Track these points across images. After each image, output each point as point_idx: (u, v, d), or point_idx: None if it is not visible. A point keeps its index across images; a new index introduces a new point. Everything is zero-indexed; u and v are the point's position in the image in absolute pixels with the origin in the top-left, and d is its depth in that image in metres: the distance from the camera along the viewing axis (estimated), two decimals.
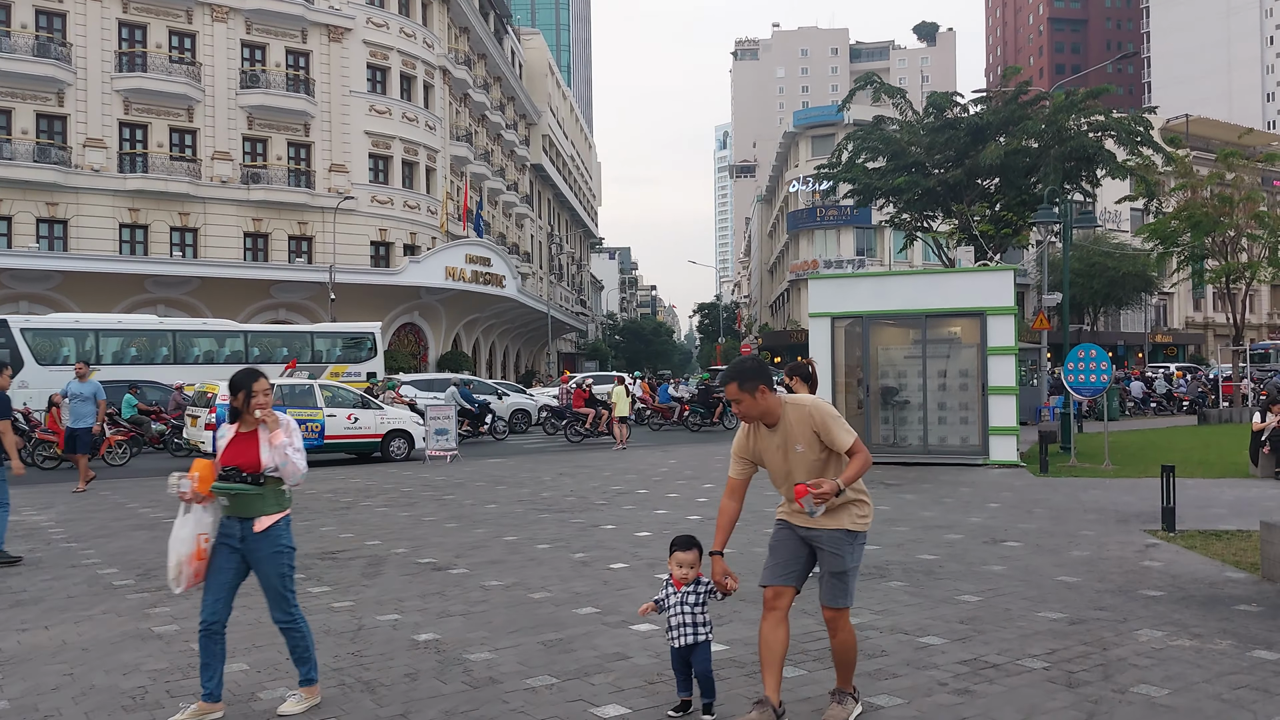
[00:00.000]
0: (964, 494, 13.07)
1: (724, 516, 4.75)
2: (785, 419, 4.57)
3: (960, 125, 27.10)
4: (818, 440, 4.51)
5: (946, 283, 17.15)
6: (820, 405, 4.58)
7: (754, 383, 4.53)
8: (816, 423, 4.50)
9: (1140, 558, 8.53)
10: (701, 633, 4.67)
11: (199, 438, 18.49)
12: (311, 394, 19.70)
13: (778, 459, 4.62)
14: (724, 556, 4.69)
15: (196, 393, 20.38)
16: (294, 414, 18.38)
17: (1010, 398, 16.55)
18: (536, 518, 11.29)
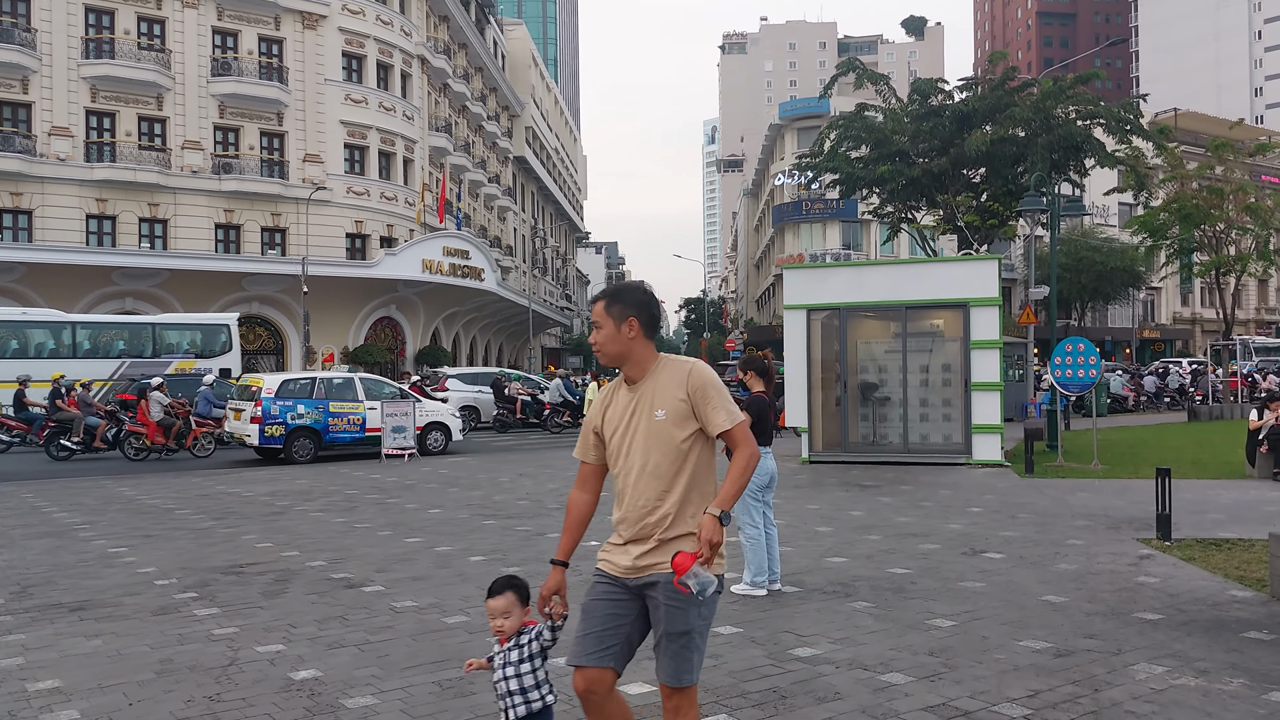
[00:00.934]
0: (944, 497, 12.23)
1: (572, 513, 3.66)
2: (654, 378, 3.40)
3: (945, 113, 26.26)
4: (688, 410, 3.33)
5: (928, 273, 16.30)
6: (705, 368, 3.41)
7: (627, 310, 3.39)
8: (694, 386, 3.34)
9: (1134, 572, 7.69)
10: (535, 699, 3.53)
11: (244, 431, 18.73)
12: (352, 387, 19.91)
13: (621, 426, 3.41)
14: (569, 568, 3.63)
15: (239, 386, 20.61)
16: (335, 406, 19.28)
17: (994, 394, 15.71)
18: (479, 525, 10.40)
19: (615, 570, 3.44)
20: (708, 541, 3.11)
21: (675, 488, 3.32)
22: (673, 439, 3.32)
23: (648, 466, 3.33)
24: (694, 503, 3.35)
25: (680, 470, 3.34)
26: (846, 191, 29.25)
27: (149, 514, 11.55)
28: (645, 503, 3.33)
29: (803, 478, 14.61)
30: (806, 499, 12.23)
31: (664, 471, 3.32)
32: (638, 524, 3.35)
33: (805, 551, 8.68)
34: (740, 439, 3.36)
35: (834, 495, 12.53)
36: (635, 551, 3.36)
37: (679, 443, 3.32)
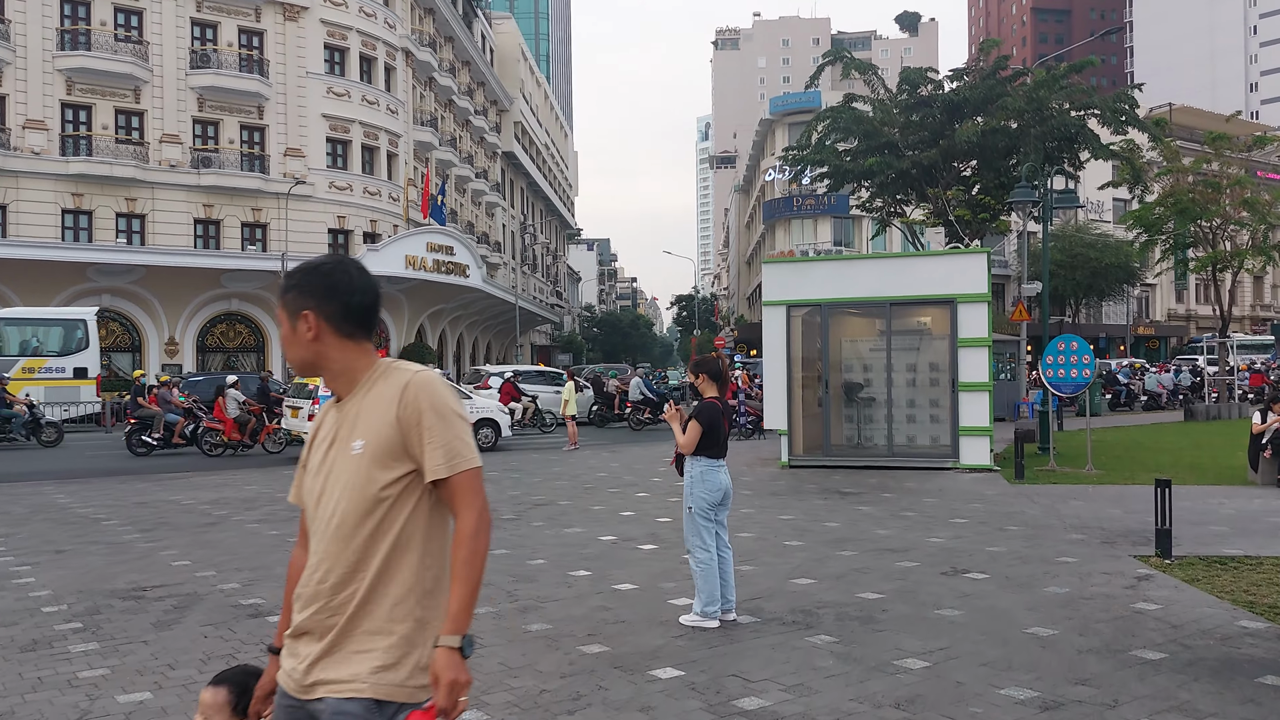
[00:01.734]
0: (928, 506, 11.45)
1: (290, 579, 2.54)
2: (364, 393, 2.38)
3: (935, 103, 25.46)
4: (398, 442, 2.31)
5: (914, 267, 15.50)
6: (431, 380, 2.37)
7: (302, 300, 2.39)
8: (407, 405, 2.31)
9: (1132, 596, 6.91)
10: None
11: (302, 428, 18.95)
12: None
13: (317, 461, 2.43)
14: None
15: (296, 384, 20.82)
16: None
17: (983, 394, 14.93)
18: None
19: (286, 682, 2.36)
20: (448, 686, 2.17)
21: (369, 560, 2.29)
22: (369, 484, 2.30)
23: (333, 521, 2.32)
24: (399, 588, 2.31)
25: (379, 533, 2.30)
26: (835, 185, 28.44)
27: (74, 525, 10.74)
28: (324, 576, 2.32)
29: (780, 484, 13.84)
30: (780, 508, 11.44)
31: (352, 532, 2.30)
32: (311, 606, 2.32)
33: (770, 571, 7.90)
34: (465, 496, 2.30)
35: (811, 504, 11.76)
36: (305, 652, 2.32)
37: (378, 490, 2.29)
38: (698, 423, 6.20)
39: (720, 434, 6.30)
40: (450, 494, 2.32)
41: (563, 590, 7.23)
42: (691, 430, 6.21)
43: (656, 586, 7.32)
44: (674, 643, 5.82)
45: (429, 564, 2.35)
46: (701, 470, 6.28)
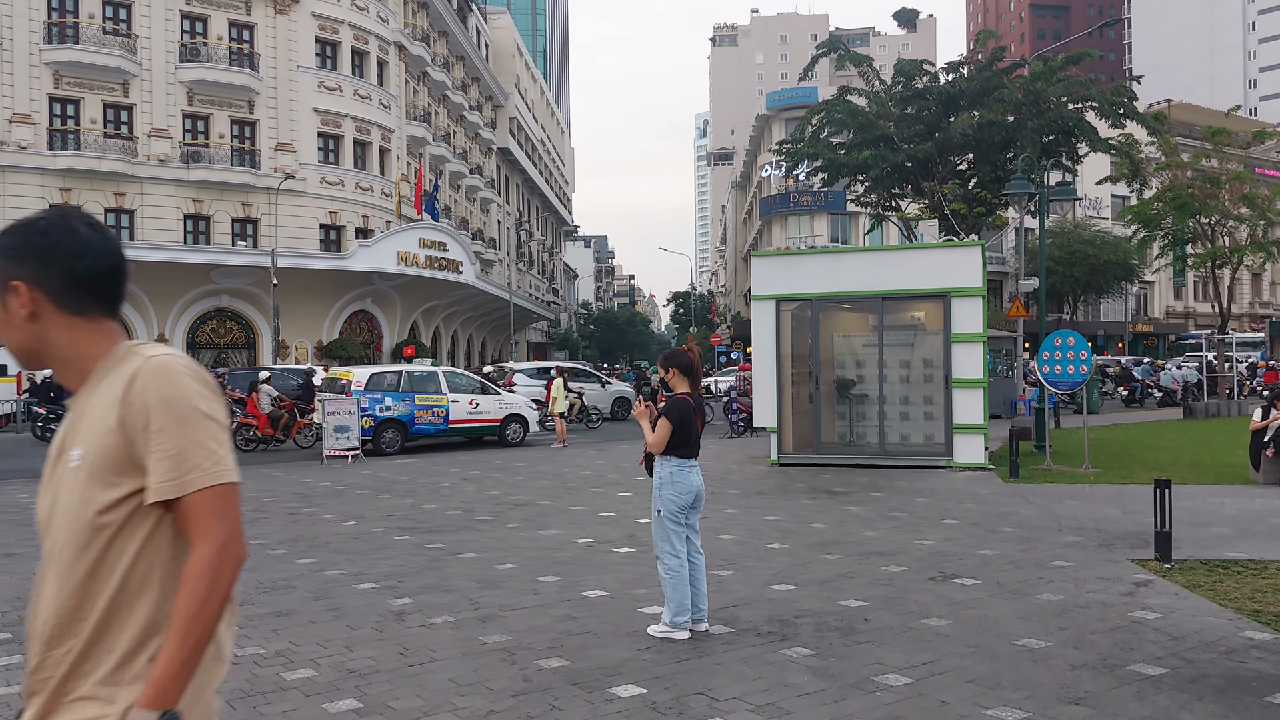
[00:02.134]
0: (919, 506, 11.05)
1: None
2: (94, 388, 1.89)
3: (931, 95, 25.03)
4: (120, 449, 1.80)
5: (907, 260, 15.09)
6: (170, 371, 1.82)
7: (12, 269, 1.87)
8: (133, 405, 1.79)
9: (1130, 604, 6.52)
10: None
11: None
12: (436, 380, 20.33)
13: (44, 477, 1.94)
14: None
15: (326, 379, 21.22)
16: (420, 399, 19.81)
17: (977, 391, 14.55)
18: (390, 541, 9.20)
19: None
20: None
21: (88, 607, 1.79)
22: (85, 506, 1.80)
23: (53, 554, 1.84)
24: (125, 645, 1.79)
25: (98, 571, 1.80)
26: (829, 179, 28.01)
27: (31, 525, 10.32)
28: (43, 625, 1.83)
29: (768, 482, 13.45)
30: (766, 508, 11.04)
31: (68, 569, 1.81)
32: (32, 662, 1.84)
33: (749, 576, 7.50)
34: (202, 521, 1.78)
35: (798, 504, 11.36)
36: (29, 712, 1.83)
37: (94, 515, 1.79)
38: (667, 420, 5.80)
39: (692, 432, 5.90)
40: (184, 519, 1.79)
41: (528, 598, 6.84)
42: (661, 428, 5.81)
43: (628, 593, 6.93)
44: (639, 656, 5.43)
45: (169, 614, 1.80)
46: (671, 471, 5.88)
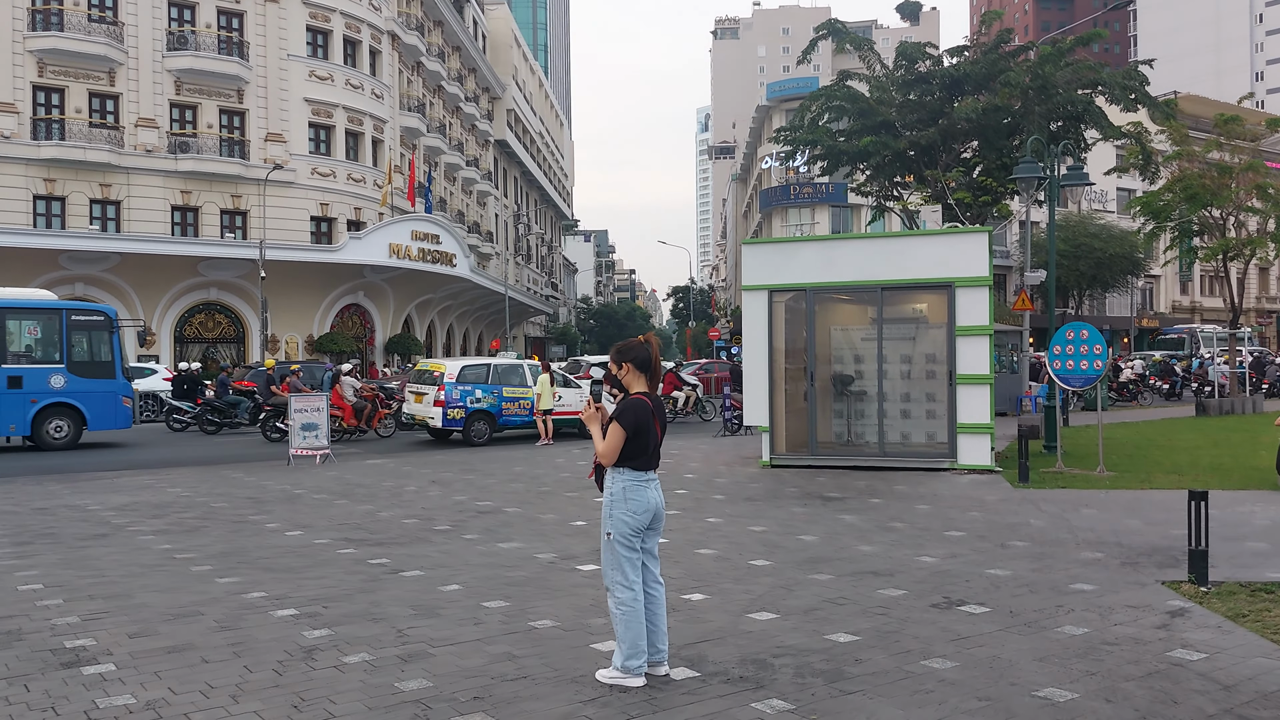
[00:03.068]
0: (921, 515, 10.11)
1: None
2: None
3: (934, 80, 24.06)
4: None
5: (908, 248, 14.11)
6: None
7: None
8: None
9: (1166, 640, 5.58)
10: None
11: (428, 414, 19.84)
12: (520, 372, 20.90)
13: None
14: None
15: (418, 370, 21.69)
16: (508, 391, 20.39)
17: (983, 388, 13.59)
18: (331, 557, 8.26)
19: None
20: None
21: None
22: None
23: None
24: None
25: None
26: (829, 168, 27.06)
27: None
28: None
29: (757, 486, 12.49)
30: (753, 517, 10.10)
31: None
32: None
33: (726, 601, 6.56)
34: None
35: (788, 512, 10.42)
36: None
37: None
38: (620, 426, 4.85)
39: (649, 439, 4.94)
40: None
41: (467, 629, 5.91)
42: (612, 435, 4.86)
43: (583, 624, 5.99)
44: (581, 712, 4.48)
45: None
46: (625, 486, 4.93)
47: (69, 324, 20.23)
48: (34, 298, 21.34)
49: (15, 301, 20.49)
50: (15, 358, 19.74)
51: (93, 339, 20.62)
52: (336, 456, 16.76)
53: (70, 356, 20.13)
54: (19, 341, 20.04)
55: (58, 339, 20.09)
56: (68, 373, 19.94)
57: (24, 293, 21.80)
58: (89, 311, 21.25)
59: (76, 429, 20.01)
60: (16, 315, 20.10)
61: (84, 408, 19.94)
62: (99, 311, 21.28)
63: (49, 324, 20.20)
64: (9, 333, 19.83)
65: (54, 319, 20.20)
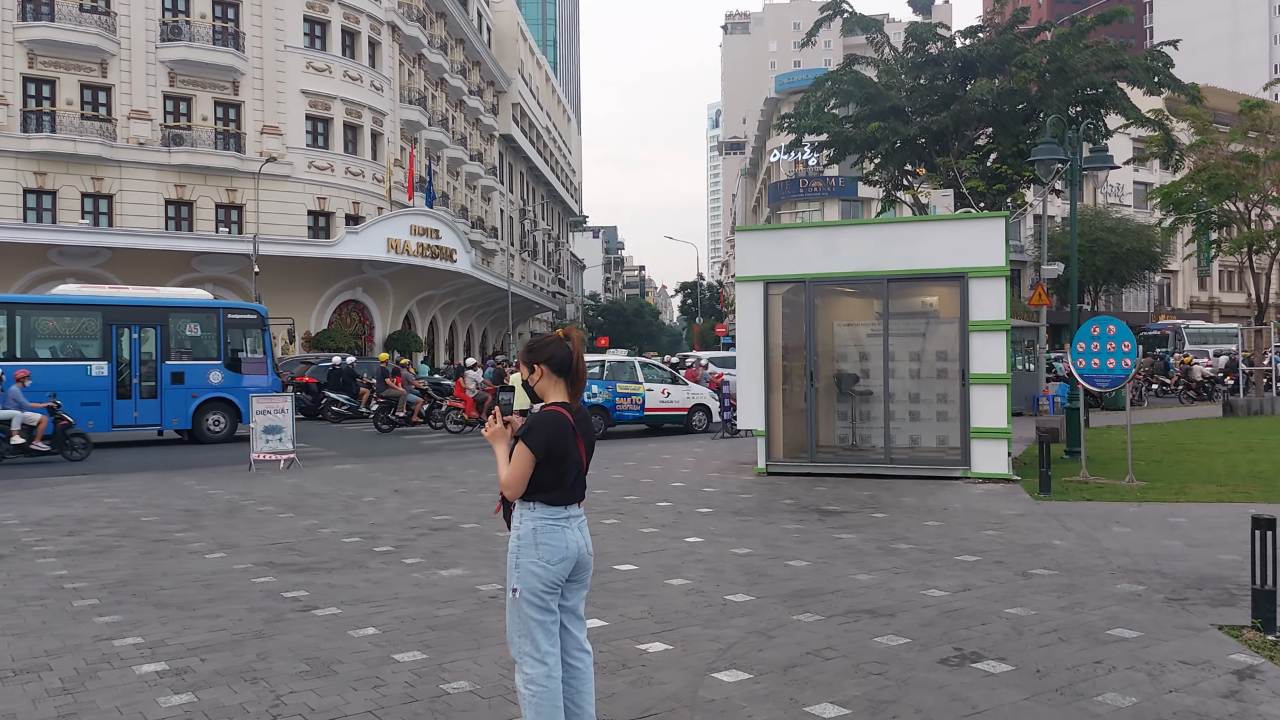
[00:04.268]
0: (930, 534, 8.92)
1: None
2: None
3: (946, 62, 22.78)
4: None
5: (917, 235, 12.89)
6: None
7: None
8: None
9: (1239, 715, 4.39)
10: None
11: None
12: (632, 369, 21.62)
13: None
14: None
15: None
16: (621, 387, 21.08)
17: (999, 389, 12.37)
18: (244, 586, 7.11)
19: None
20: None
21: None
22: None
23: None
24: None
25: None
26: (836, 156, 25.81)
27: None
28: None
29: (749, 498, 11.30)
30: (739, 536, 8.93)
31: None
32: None
33: (688, 653, 5.39)
34: None
35: (779, 529, 9.24)
36: None
37: None
38: (526, 447, 3.68)
39: (568, 465, 3.76)
40: None
41: (361, 693, 4.76)
42: (517, 459, 3.68)
43: (507, 687, 4.82)
44: None
45: None
46: (535, 526, 3.74)
47: (225, 322, 21.44)
48: (193, 297, 22.61)
49: (177, 301, 21.73)
50: (177, 354, 20.79)
51: (247, 336, 21.81)
52: (172, 471, 15.37)
53: (226, 353, 21.22)
54: (180, 339, 21.04)
55: (215, 336, 21.24)
56: (224, 369, 21.02)
57: (184, 292, 23.14)
58: (243, 310, 22.46)
59: (232, 423, 21.11)
60: (179, 314, 21.15)
61: (239, 402, 20.71)
62: (252, 310, 22.42)
63: (207, 322, 21.34)
64: (171, 331, 20.87)
65: (212, 317, 21.41)
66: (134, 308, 20.72)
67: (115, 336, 20.23)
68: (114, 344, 20.20)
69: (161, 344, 20.60)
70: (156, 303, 21.09)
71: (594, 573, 6.93)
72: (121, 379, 20.22)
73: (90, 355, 20.14)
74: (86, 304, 20.54)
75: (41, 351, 19.93)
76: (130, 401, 20.22)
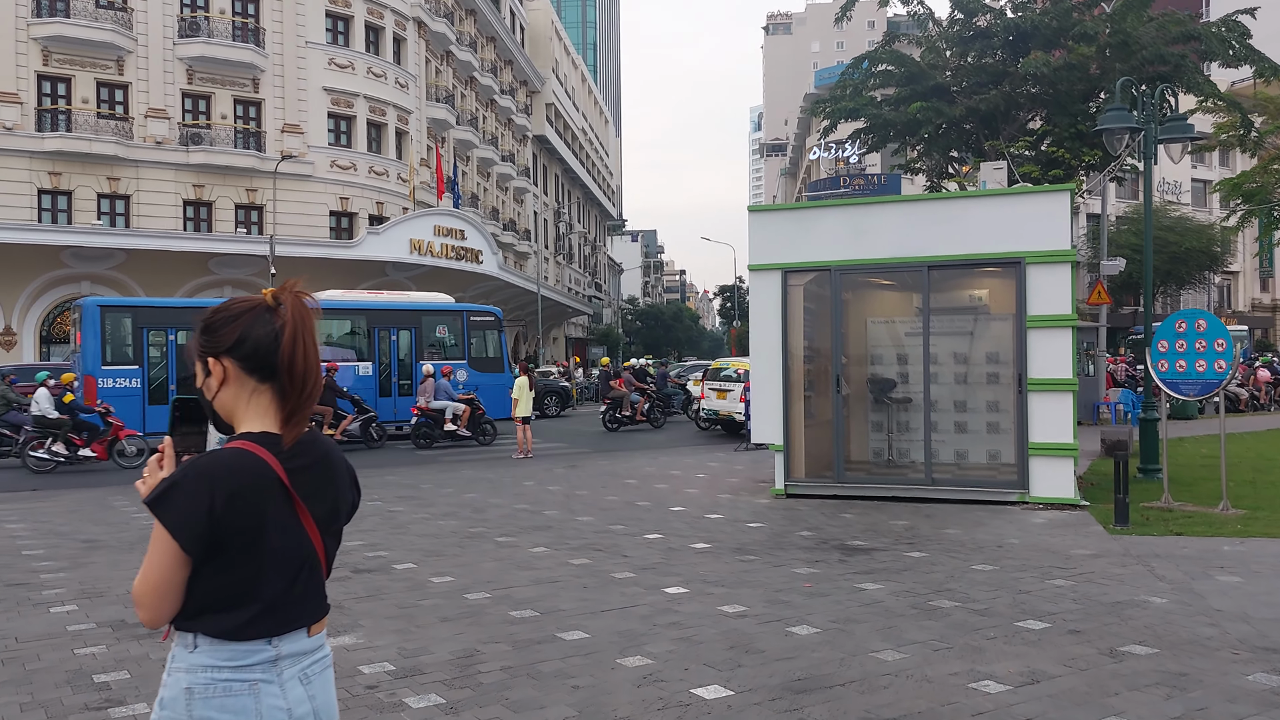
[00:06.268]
0: (980, 583, 6.93)
1: None
2: None
3: (995, 35, 20.65)
4: None
5: (963, 213, 10.82)
6: None
7: None
8: None
9: None
10: None
11: (733, 409, 20.02)
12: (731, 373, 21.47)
13: None
14: None
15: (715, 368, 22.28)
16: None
17: (1064, 397, 10.30)
18: (51, 664, 5.34)
19: None
20: None
21: None
22: None
23: None
24: None
25: None
26: (875, 144, 23.75)
27: None
28: None
29: (759, 530, 9.34)
30: (735, 584, 6.99)
31: None
32: None
33: None
34: None
35: (788, 574, 7.29)
36: None
37: None
38: (164, 528, 1.85)
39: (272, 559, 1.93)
40: None
41: None
42: (154, 550, 1.86)
43: None
44: None
45: None
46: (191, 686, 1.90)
47: (468, 324, 22.78)
48: (440, 300, 24.09)
49: (428, 304, 23.31)
50: (429, 354, 22.09)
51: (486, 337, 23.15)
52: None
53: (470, 353, 22.54)
54: (431, 340, 22.44)
55: (460, 337, 22.64)
56: (469, 367, 22.09)
57: (432, 297, 24.83)
58: (483, 313, 23.77)
59: None
60: (430, 317, 22.57)
61: (482, 399, 21.17)
62: (489, 312, 23.91)
63: (453, 324, 22.72)
64: (424, 332, 22.30)
65: (457, 319, 22.78)
66: (394, 311, 22.21)
67: (377, 338, 21.62)
68: (376, 345, 21.56)
69: (416, 345, 22.01)
70: (412, 306, 22.67)
71: (524, 646, 5.08)
72: (383, 378, 21.58)
73: (357, 356, 21.46)
74: (357, 308, 22.03)
75: None
76: (390, 399, 21.56)
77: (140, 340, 19.67)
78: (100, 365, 19.02)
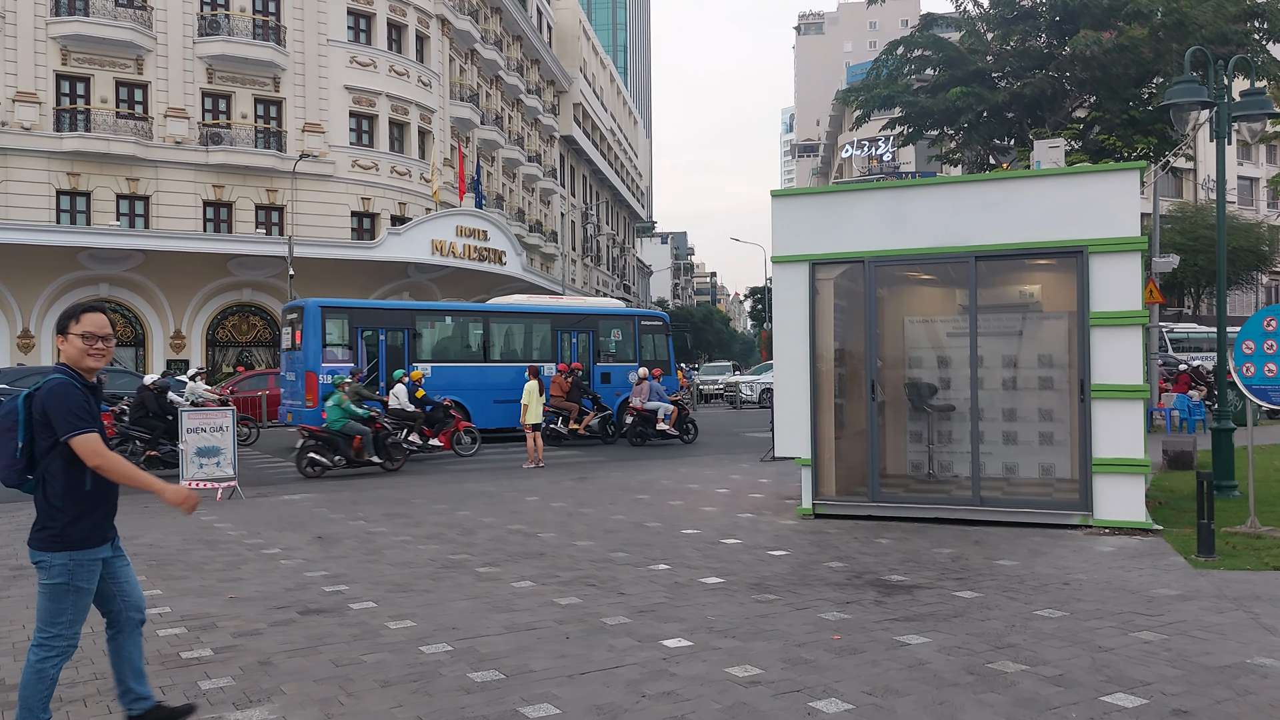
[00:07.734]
0: (1049, 636, 5.69)
1: None
2: None
3: (1040, 15, 19.28)
4: None
5: (1015, 195, 9.50)
6: None
7: None
8: None
9: None
10: None
11: None
12: None
13: None
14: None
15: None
16: None
17: (1133, 405, 8.99)
18: None
19: None
20: None
21: None
22: None
23: None
24: None
25: None
26: (912, 134, 22.42)
27: None
28: None
29: (782, 558, 8.12)
30: (748, 636, 5.78)
31: None
32: None
33: None
34: None
35: (813, 620, 6.09)
36: None
37: None
38: None
39: None
40: None
41: None
42: None
43: None
44: None
45: None
46: None
47: (639, 328, 23.61)
48: (614, 306, 25.16)
49: (604, 309, 24.30)
50: (605, 357, 23.04)
51: (655, 341, 23.76)
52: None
53: (641, 356, 23.19)
54: (607, 344, 23.26)
55: (632, 341, 23.43)
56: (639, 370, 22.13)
57: (605, 302, 26.41)
58: (652, 317, 24.71)
59: None
60: (606, 321, 23.48)
61: None
62: (658, 317, 24.72)
63: (626, 328, 23.54)
64: (600, 336, 23.21)
65: (629, 324, 23.68)
66: (575, 315, 23.21)
67: (560, 341, 22.52)
68: (558, 348, 22.43)
69: (593, 348, 22.90)
70: (591, 311, 23.68)
71: None
72: None
73: (542, 358, 22.24)
74: (543, 313, 22.98)
75: (505, 355, 22.29)
76: None
77: (356, 339, 20.58)
78: (320, 363, 19.74)
